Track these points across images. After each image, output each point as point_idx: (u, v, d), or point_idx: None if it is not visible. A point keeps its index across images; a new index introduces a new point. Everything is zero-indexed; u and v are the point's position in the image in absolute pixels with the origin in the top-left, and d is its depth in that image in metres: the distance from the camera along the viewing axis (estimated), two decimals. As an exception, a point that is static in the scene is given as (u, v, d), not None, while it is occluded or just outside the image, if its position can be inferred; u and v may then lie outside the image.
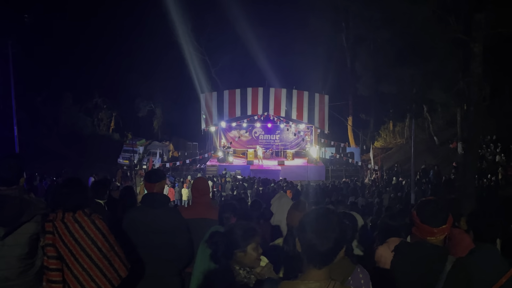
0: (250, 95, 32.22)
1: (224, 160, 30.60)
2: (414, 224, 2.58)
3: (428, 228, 2.49)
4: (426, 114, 31.71)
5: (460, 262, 2.41)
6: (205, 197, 4.42)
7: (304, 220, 1.99)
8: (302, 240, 1.96)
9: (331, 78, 35.35)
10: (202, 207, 4.31)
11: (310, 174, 28.19)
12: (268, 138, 33.74)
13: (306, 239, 1.93)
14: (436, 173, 25.11)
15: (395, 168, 28.89)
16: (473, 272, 2.45)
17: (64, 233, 2.88)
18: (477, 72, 13.56)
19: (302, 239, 1.96)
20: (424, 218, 2.51)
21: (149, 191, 3.76)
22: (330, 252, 1.92)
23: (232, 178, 26.67)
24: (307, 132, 33.49)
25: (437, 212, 2.51)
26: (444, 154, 27.88)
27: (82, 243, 2.89)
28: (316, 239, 1.90)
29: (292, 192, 21.23)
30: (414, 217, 2.57)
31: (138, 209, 3.76)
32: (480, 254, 2.73)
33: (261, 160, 30.55)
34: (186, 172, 29.84)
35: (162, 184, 3.81)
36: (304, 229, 1.95)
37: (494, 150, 24.60)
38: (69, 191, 3.02)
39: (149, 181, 3.77)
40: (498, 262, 2.77)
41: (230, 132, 33.68)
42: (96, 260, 2.89)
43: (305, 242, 1.94)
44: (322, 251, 1.90)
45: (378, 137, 38.61)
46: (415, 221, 2.56)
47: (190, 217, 4.26)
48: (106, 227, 2.98)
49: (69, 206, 2.95)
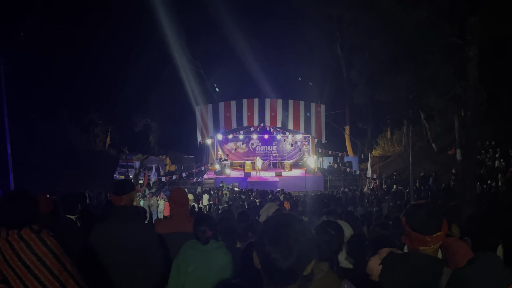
0: (246, 106, 31.96)
1: (221, 172, 30.24)
2: (404, 232, 2.22)
3: (420, 236, 2.14)
4: (423, 121, 31.49)
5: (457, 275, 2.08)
6: (183, 208, 4.09)
7: (262, 229, 1.64)
8: (260, 254, 1.59)
9: (327, 88, 35.12)
10: (179, 220, 3.98)
11: (308, 185, 27.89)
12: (265, 150, 33.45)
13: (264, 253, 1.56)
14: (435, 180, 24.80)
15: (394, 176, 28.58)
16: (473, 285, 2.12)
17: (9, 253, 2.52)
18: (472, 76, 13.33)
19: (259, 252, 1.59)
20: (415, 225, 2.15)
21: (117, 204, 3.42)
22: (293, 268, 1.55)
23: (230, 190, 26.30)
24: (304, 142, 33.20)
25: (429, 218, 2.15)
26: (443, 161, 27.57)
27: (29, 264, 2.53)
28: (276, 252, 1.54)
29: (289, 203, 20.91)
30: (403, 224, 2.20)
31: (105, 224, 3.41)
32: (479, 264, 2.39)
33: (259, 171, 30.20)
34: (183, 185, 29.46)
35: (130, 196, 3.46)
36: (262, 241, 1.58)
37: (493, 156, 24.29)
38: (13, 206, 2.62)
39: (116, 193, 3.43)
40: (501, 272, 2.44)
41: (226, 144, 33.38)
42: (46, 282, 2.53)
43: (263, 256, 1.58)
44: (284, 268, 1.53)
45: (376, 146, 38.34)
46: (405, 228, 2.19)
47: (167, 231, 3.94)
48: (58, 245, 2.63)
49: (13, 223, 2.59)
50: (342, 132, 37.32)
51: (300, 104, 31.98)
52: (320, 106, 32.12)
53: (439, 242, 2.17)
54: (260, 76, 35.05)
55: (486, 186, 20.78)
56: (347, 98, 35.35)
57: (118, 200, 3.40)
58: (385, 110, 28.43)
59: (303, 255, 1.57)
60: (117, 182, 3.60)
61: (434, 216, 2.17)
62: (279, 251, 1.54)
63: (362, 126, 37.28)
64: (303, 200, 23.42)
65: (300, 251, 1.55)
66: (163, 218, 9.09)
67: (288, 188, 25.75)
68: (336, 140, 36.13)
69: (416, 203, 2.28)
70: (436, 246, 2.17)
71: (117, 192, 3.42)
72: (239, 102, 32.11)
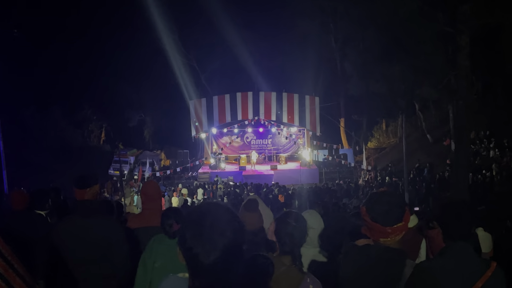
0: (240, 100, 31.79)
1: (216, 167, 30.11)
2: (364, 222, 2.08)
3: (380, 227, 1.99)
4: (418, 112, 31.41)
5: (421, 268, 1.95)
6: (155, 203, 3.96)
7: (185, 220, 1.46)
8: (181, 249, 1.42)
9: (322, 80, 34.96)
10: (151, 214, 3.85)
11: (303, 178, 27.77)
12: (260, 143, 33.31)
13: (186, 248, 1.39)
14: (430, 171, 24.74)
15: (389, 168, 28.51)
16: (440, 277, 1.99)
17: None
18: (464, 64, 13.21)
19: (181, 246, 1.42)
20: (375, 215, 2.00)
21: (80, 199, 3.26)
22: (219, 264, 1.38)
23: (224, 184, 26.19)
24: (299, 135, 33.06)
25: (390, 208, 2.00)
26: (438, 152, 27.51)
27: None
28: (197, 247, 1.37)
29: (284, 196, 20.83)
30: (363, 215, 2.06)
31: (68, 220, 3.28)
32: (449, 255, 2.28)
33: (254, 165, 30.08)
34: (178, 180, 29.36)
35: (93, 190, 3.30)
36: (183, 233, 1.41)
37: (488, 146, 24.24)
38: None
39: (79, 187, 3.26)
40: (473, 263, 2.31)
41: (221, 138, 33.23)
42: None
43: (184, 252, 1.40)
44: (207, 264, 1.36)
45: (372, 138, 38.23)
46: (364, 219, 2.05)
47: (138, 226, 3.82)
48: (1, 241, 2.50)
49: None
50: (337, 125, 37.17)
51: (294, 97, 31.82)
52: (314, 99, 31.98)
53: (401, 233, 2.03)
54: (254, 70, 34.89)
55: (481, 176, 20.73)
56: (342, 90, 35.20)
57: (80, 194, 3.24)
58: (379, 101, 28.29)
59: (231, 249, 1.39)
60: (80, 175, 3.40)
61: (396, 205, 2.02)
62: (201, 245, 1.37)
63: (357, 118, 37.14)
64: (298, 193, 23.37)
65: (226, 245, 1.37)
66: (136, 213, 8.92)
67: (283, 181, 25.63)
68: (331, 132, 36.02)
69: (377, 192, 2.12)
70: (398, 237, 2.03)
71: (79, 185, 3.26)
72: (233, 96, 31.92)
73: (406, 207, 2.04)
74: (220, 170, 29.73)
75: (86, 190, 3.24)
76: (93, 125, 41.27)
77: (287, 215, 2.68)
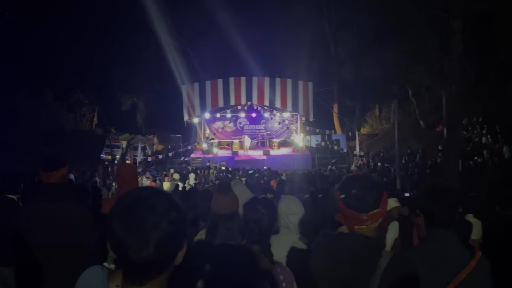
0: (233, 84, 31.47)
1: (209, 152, 29.94)
2: (338, 209, 1.90)
3: (355, 213, 1.83)
4: (411, 98, 31.30)
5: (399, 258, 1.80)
6: (131, 186, 3.79)
7: (113, 210, 1.26)
8: (109, 241, 1.24)
9: (315, 65, 34.72)
10: (126, 199, 3.69)
11: (296, 163, 27.72)
12: (253, 128, 33.14)
13: (114, 240, 1.21)
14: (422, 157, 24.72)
15: (381, 153, 28.47)
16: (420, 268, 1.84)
17: None
18: (457, 50, 13.03)
19: (108, 238, 1.24)
20: (350, 201, 1.83)
21: (46, 182, 3.07)
22: (152, 260, 1.19)
23: (217, 170, 26.06)
24: (292, 120, 32.88)
25: (365, 192, 1.84)
26: (431, 138, 27.48)
27: None
28: (127, 240, 1.18)
29: (276, 181, 20.73)
30: (337, 200, 1.88)
31: (32, 204, 3.10)
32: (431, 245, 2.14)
33: (247, 150, 29.94)
34: (170, 165, 29.21)
35: (61, 173, 3.09)
36: (111, 224, 1.22)
37: (480, 132, 24.22)
38: None
39: (44, 169, 3.07)
40: (456, 252, 2.17)
41: (214, 123, 33.02)
42: None
43: (113, 245, 1.22)
44: (138, 260, 1.18)
45: (365, 123, 38.16)
46: (338, 204, 1.88)
47: (112, 211, 3.65)
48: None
49: None
50: (330, 110, 37.02)
51: (287, 82, 31.53)
52: (308, 84, 31.72)
53: (377, 220, 1.86)
54: (247, 54, 34.52)
55: (473, 163, 20.71)
56: (335, 75, 34.98)
57: (47, 177, 3.05)
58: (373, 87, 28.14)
59: (168, 243, 1.21)
60: (46, 157, 3.19)
61: (372, 190, 1.85)
62: (130, 239, 1.18)
63: (350, 104, 37.00)
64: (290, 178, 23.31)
65: (160, 239, 1.19)
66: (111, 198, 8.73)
67: (275, 167, 25.53)
68: (324, 118, 35.85)
69: (352, 175, 1.94)
70: (375, 225, 1.87)
71: (45, 168, 3.07)
72: (226, 81, 31.61)
73: (384, 192, 1.88)
74: (212, 155, 29.58)
75: (52, 172, 3.05)
76: (85, 109, 40.93)
77: (255, 201, 2.51)
